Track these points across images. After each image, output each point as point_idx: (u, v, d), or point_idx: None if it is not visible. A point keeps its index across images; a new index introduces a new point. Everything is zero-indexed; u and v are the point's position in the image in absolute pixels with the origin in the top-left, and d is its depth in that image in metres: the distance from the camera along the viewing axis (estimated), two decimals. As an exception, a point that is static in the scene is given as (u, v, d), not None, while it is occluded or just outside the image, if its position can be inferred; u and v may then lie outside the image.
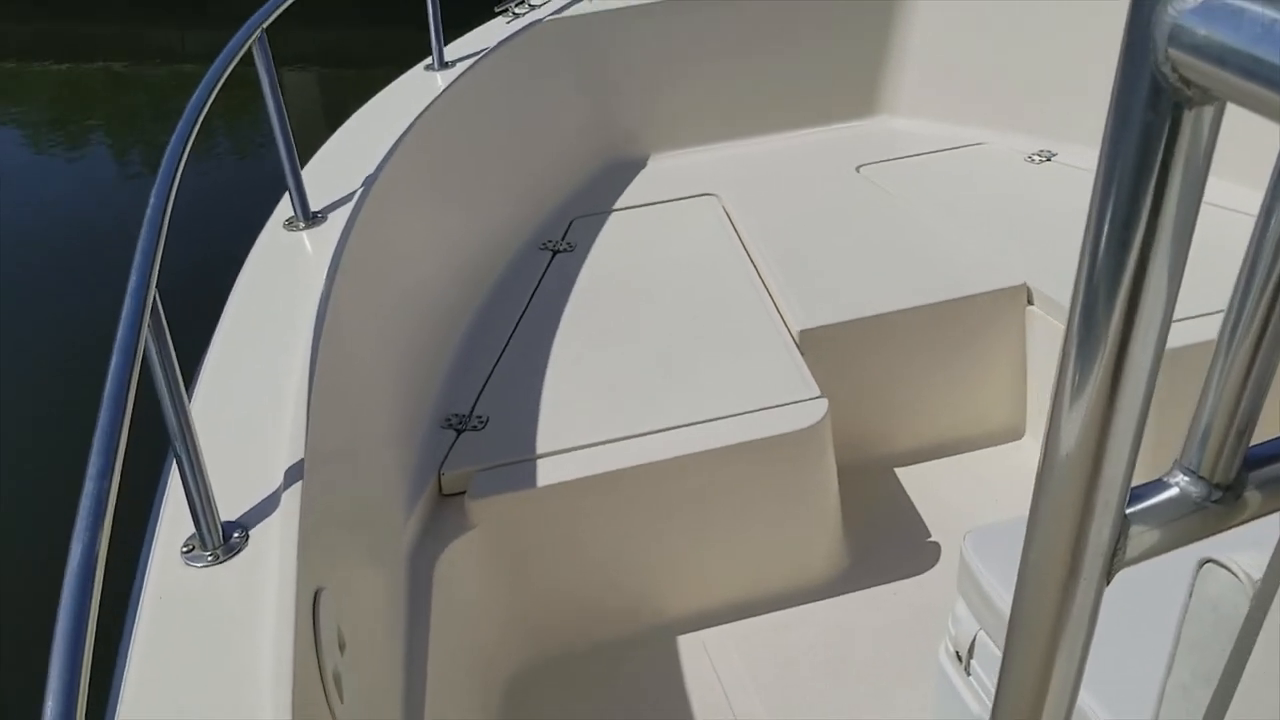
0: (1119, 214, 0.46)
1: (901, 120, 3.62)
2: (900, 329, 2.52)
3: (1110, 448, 0.52)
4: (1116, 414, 0.51)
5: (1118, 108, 0.45)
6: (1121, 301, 0.48)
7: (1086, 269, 0.49)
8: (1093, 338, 0.49)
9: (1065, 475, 0.53)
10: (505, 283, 2.82)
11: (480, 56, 3.11)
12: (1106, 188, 0.46)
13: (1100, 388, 0.50)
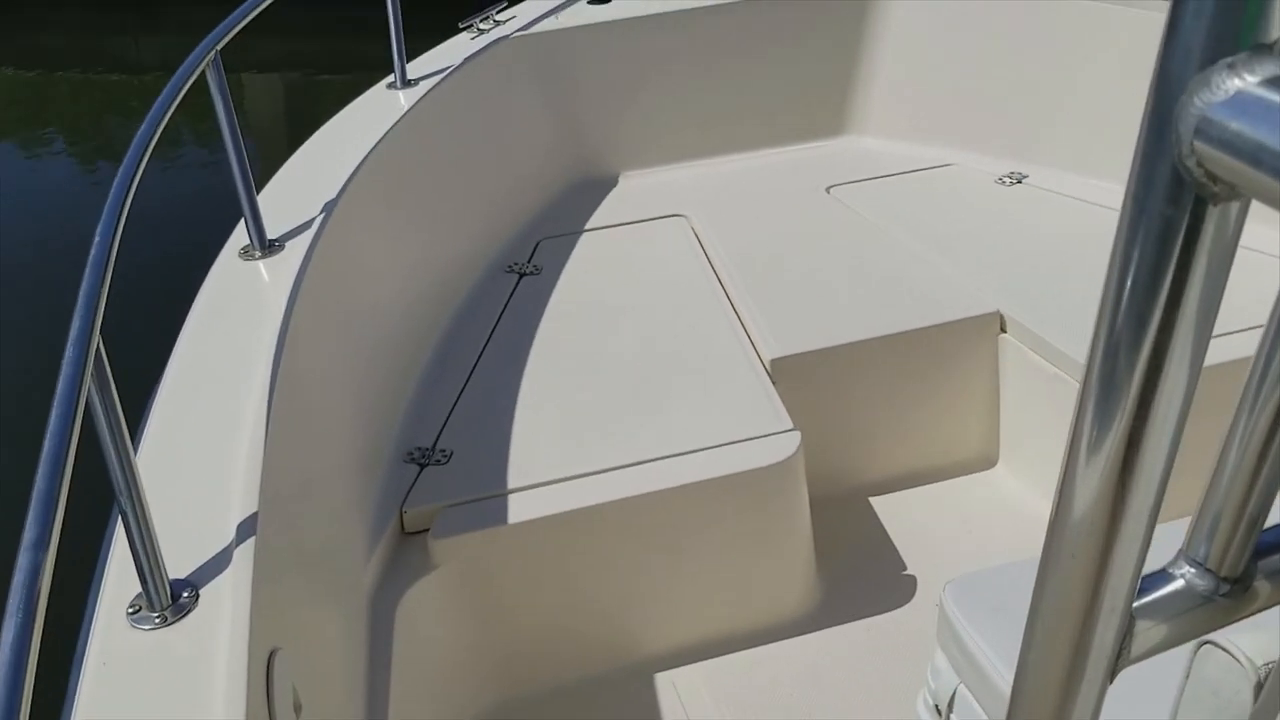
0: (1134, 308, 0.43)
1: (870, 140, 3.59)
2: (872, 357, 2.48)
3: (1120, 544, 0.49)
4: (1128, 510, 0.48)
5: (1134, 198, 0.42)
6: (1135, 396, 0.45)
7: (1100, 361, 0.45)
8: (1104, 432, 0.46)
9: (1071, 570, 0.51)
10: (470, 307, 2.75)
11: (445, 74, 3.05)
12: (1121, 280, 0.43)
13: (1112, 483, 0.47)
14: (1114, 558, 0.49)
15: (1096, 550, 0.49)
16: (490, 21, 3.44)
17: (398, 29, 2.94)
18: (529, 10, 3.59)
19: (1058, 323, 2.45)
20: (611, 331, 2.58)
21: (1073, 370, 2.35)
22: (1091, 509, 0.48)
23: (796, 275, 2.74)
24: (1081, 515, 0.49)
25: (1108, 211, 2.94)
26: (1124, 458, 0.46)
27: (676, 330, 2.56)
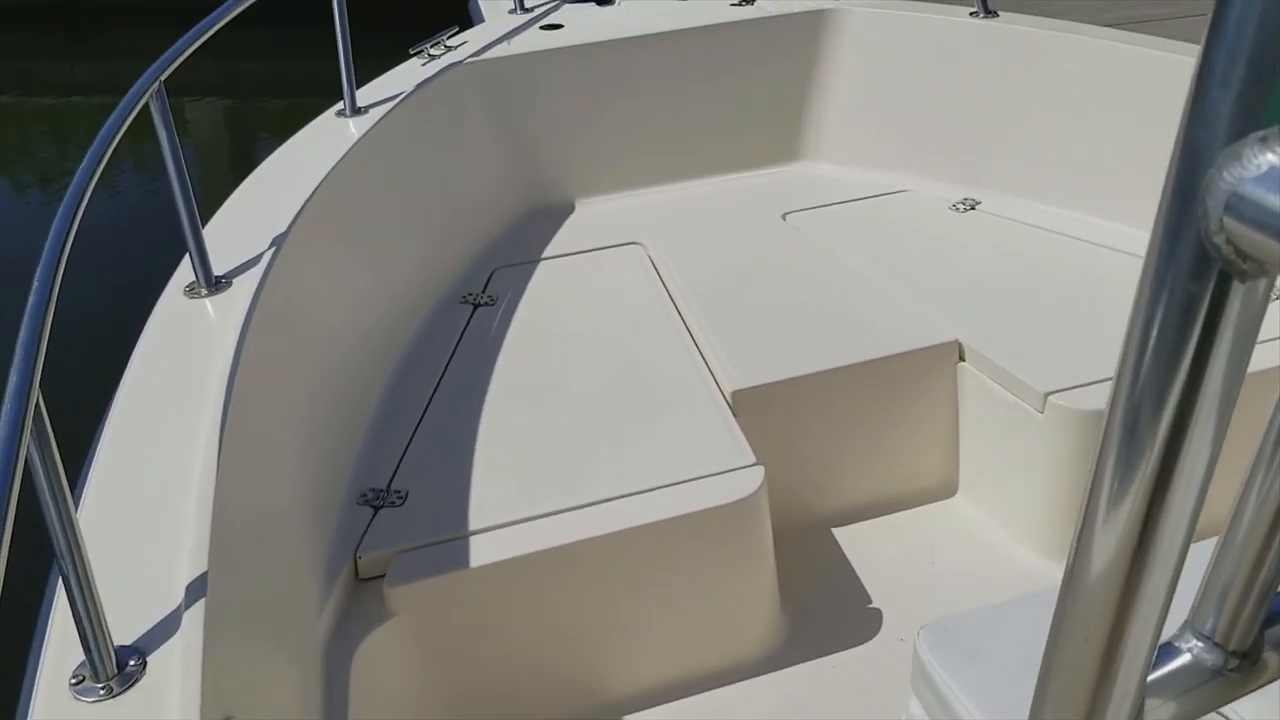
0: (1153, 384, 0.41)
1: (825, 166, 3.58)
2: (832, 388, 2.46)
3: (1134, 624, 0.47)
4: (1144, 591, 0.46)
5: (1155, 272, 0.41)
6: (1153, 471, 0.43)
7: (1118, 435, 0.43)
8: (1120, 509, 0.44)
9: (1081, 647, 0.48)
10: (424, 340, 2.69)
11: (395, 101, 2.99)
12: (1140, 355, 0.41)
13: (1126, 562, 0.45)
14: (1127, 640, 0.47)
15: (1108, 631, 0.47)
16: (441, 47, 3.40)
17: (346, 56, 2.88)
18: (481, 36, 3.55)
19: (1016, 351, 2.45)
20: (569, 364, 2.54)
21: (1031, 399, 2.34)
22: (1105, 589, 0.46)
23: (755, 304, 2.71)
24: (1094, 595, 0.47)
25: (1059, 237, 2.96)
26: (1140, 536, 0.44)
27: (635, 362, 2.52)
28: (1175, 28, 5.97)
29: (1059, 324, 2.56)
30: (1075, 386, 2.32)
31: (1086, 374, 2.36)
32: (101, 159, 1.62)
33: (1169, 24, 6.08)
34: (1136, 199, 2.97)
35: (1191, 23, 6.19)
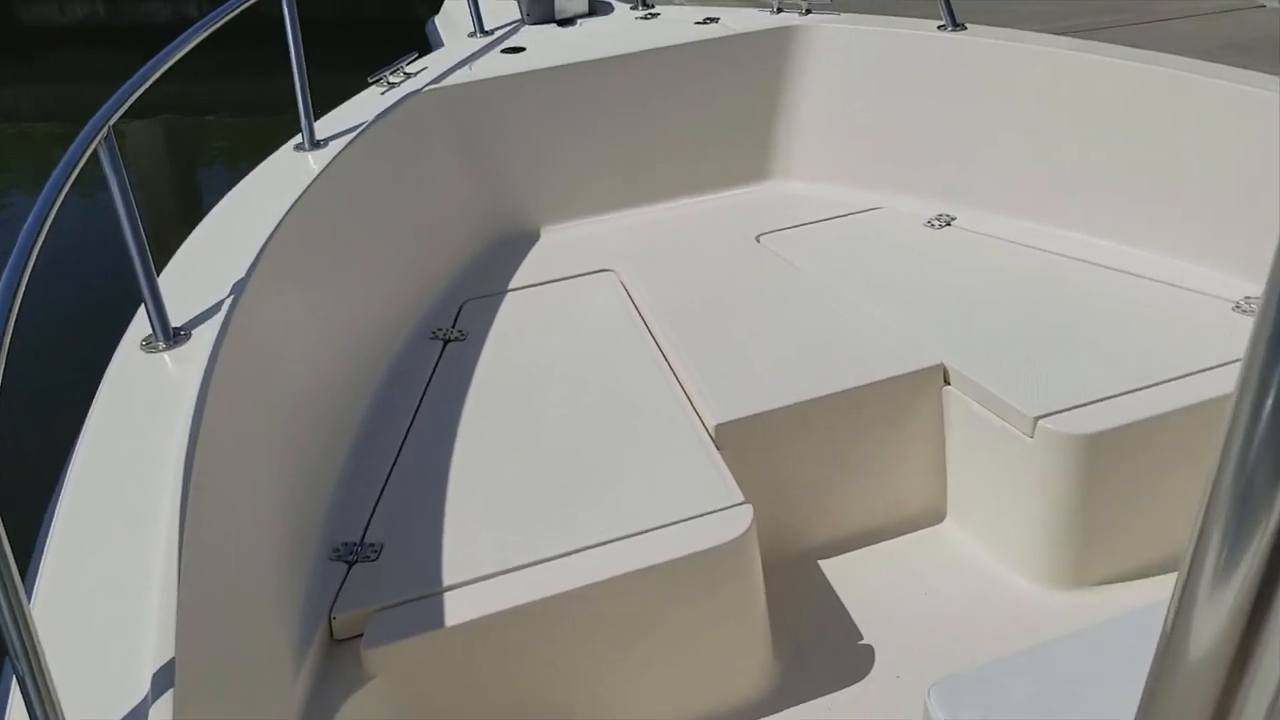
0: (1272, 446, 0.37)
1: (797, 184, 3.52)
2: (818, 417, 2.40)
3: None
4: (1255, 675, 0.41)
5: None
6: (1268, 543, 0.38)
7: (1228, 500, 0.39)
8: (1228, 583, 0.40)
9: None
10: (394, 380, 2.59)
11: (356, 133, 2.89)
12: (1257, 405, 0.38)
13: (1234, 643, 0.41)
14: None
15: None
16: (401, 74, 3.30)
17: (303, 88, 2.79)
18: (441, 61, 3.46)
19: (1000, 373, 2.40)
20: (545, 400, 2.46)
21: (1021, 423, 2.29)
22: (1204, 677, 0.42)
23: (734, 331, 2.65)
24: (1192, 683, 0.42)
25: (1036, 252, 2.92)
26: (1250, 618, 0.39)
27: (614, 396, 2.45)
28: (1124, 34, 6.01)
29: (1043, 343, 2.51)
30: (1065, 409, 2.27)
31: (1076, 396, 2.32)
32: (48, 214, 1.52)
33: (1116, 30, 6.11)
34: (1110, 211, 2.95)
35: (1138, 29, 6.23)
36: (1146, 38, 5.90)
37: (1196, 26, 6.28)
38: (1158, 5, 6.74)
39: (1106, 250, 2.90)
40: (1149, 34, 6.07)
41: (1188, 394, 2.29)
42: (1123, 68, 2.97)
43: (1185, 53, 3.49)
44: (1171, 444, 2.29)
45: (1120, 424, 2.23)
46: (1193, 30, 6.18)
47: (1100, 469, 2.24)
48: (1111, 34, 5.82)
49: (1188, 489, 2.35)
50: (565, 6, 3.85)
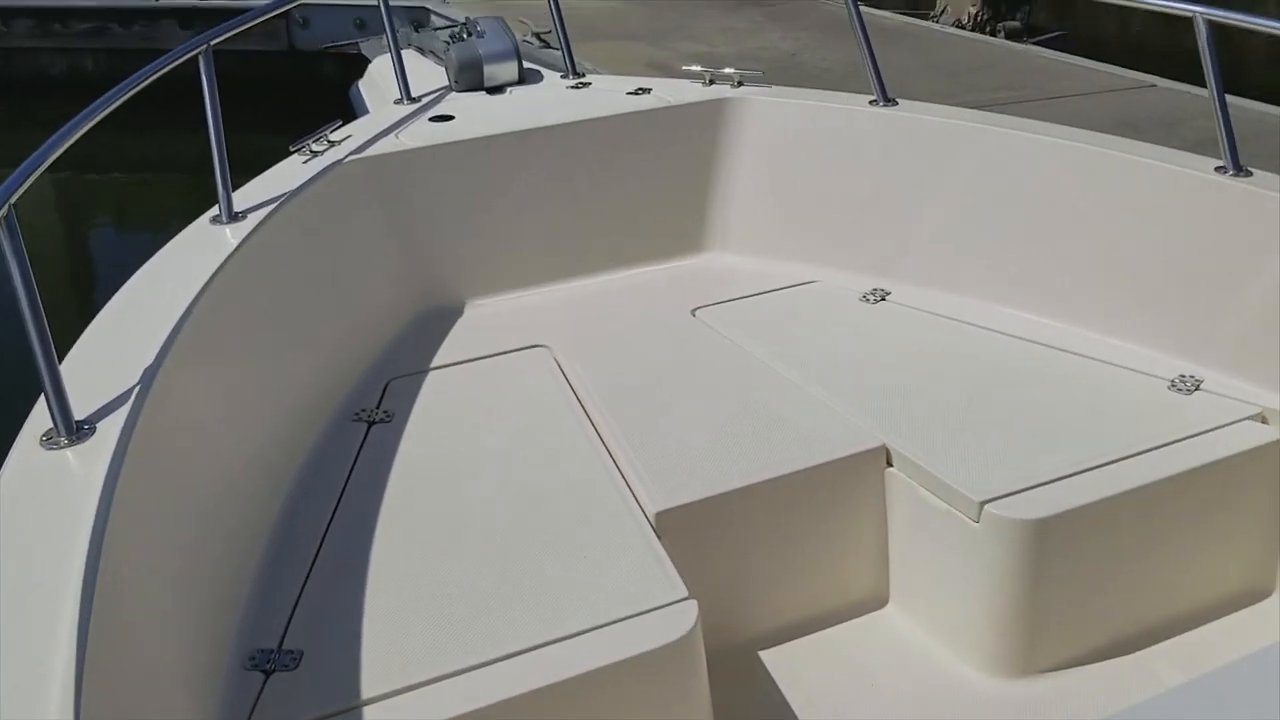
0: None
1: (732, 257, 3.47)
2: (759, 501, 2.33)
3: None
4: None
5: None
6: None
7: None
8: None
9: None
10: (315, 467, 2.44)
11: (276, 204, 2.75)
12: None
13: None
14: None
15: None
16: (324, 142, 3.16)
17: (221, 158, 2.65)
18: (366, 129, 3.33)
19: (943, 455, 2.37)
20: (476, 488, 2.34)
21: (966, 507, 2.26)
22: None
23: (671, 411, 2.58)
24: None
25: (972, 328, 2.92)
26: None
27: (548, 483, 2.34)
28: (1022, 110, 6.18)
29: (984, 423, 2.50)
30: (1010, 493, 2.25)
31: (1020, 479, 2.29)
32: None
33: (1015, 107, 6.30)
34: (1045, 287, 2.97)
35: (1036, 106, 6.44)
36: (1044, 114, 6.07)
37: (1090, 104, 6.51)
38: (1054, 84, 6.98)
39: (1042, 327, 2.92)
40: (1046, 111, 6.26)
41: (1132, 476, 2.29)
42: (1054, 145, 3.01)
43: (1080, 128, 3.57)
44: (1117, 528, 2.29)
45: (1066, 508, 2.21)
46: (1087, 108, 6.40)
47: (1047, 554, 2.22)
48: (1011, 110, 5.98)
49: (1134, 573, 2.34)
50: (495, 74, 3.75)
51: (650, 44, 7.84)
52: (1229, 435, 2.42)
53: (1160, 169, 2.80)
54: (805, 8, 9.25)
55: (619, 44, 7.51)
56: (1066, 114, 6.12)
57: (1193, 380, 2.61)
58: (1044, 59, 7.81)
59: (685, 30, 8.36)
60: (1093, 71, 7.32)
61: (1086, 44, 9.05)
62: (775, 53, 7.66)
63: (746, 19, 8.81)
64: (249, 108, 4.39)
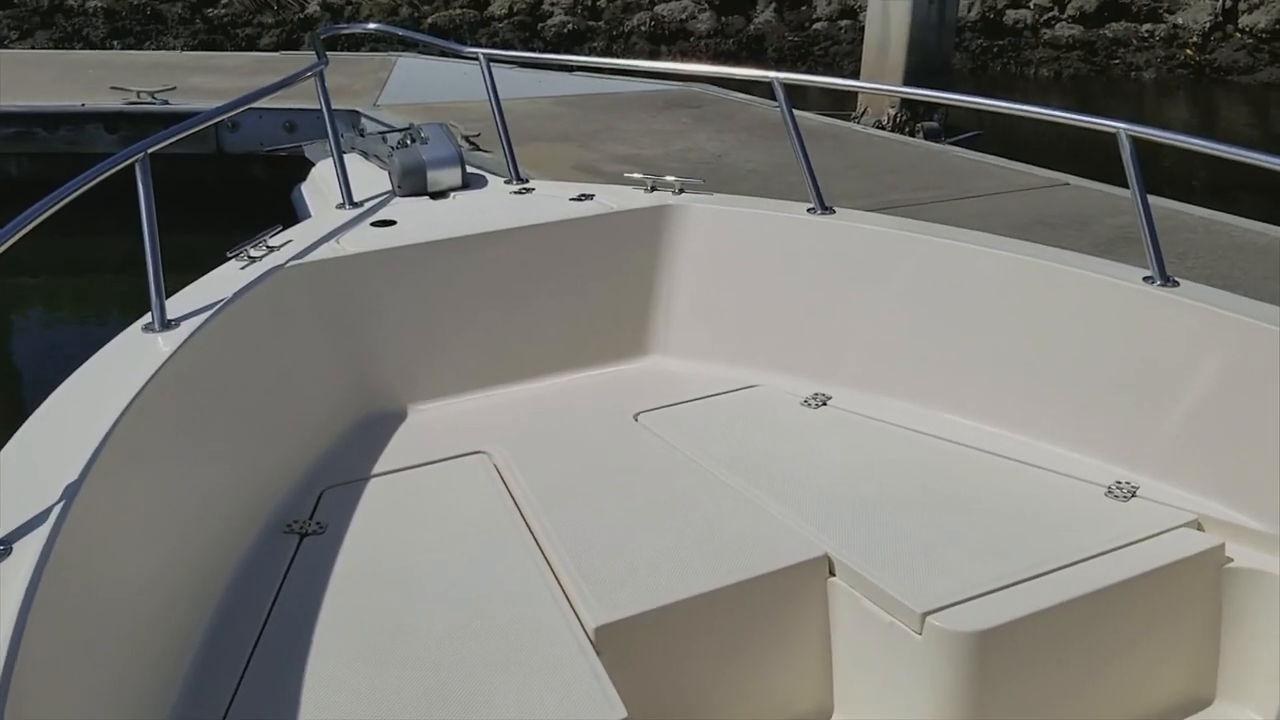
0: None
1: (674, 361, 3.49)
2: (701, 614, 2.31)
3: None
4: None
5: None
6: None
7: None
8: None
9: None
10: (244, 582, 2.38)
11: (211, 312, 2.71)
12: None
13: None
14: None
15: None
16: (263, 247, 3.13)
17: (156, 265, 2.60)
18: (306, 234, 3.30)
19: (885, 565, 2.37)
20: (411, 603, 2.29)
21: (908, 619, 2.25)
22: None
23: (613, 521, 2.56)
24: None
25: (913, 434, 2.95)
26: None
27: (485, 597, 2.30)
28: (942, 210, 6.37)
29: (926, 531, 2.51)
30: (953, 604, 2.25)
31: (962, 589, 2.29)
32: None
33: (935, 206, 6.48)
34: (982, 393, 3.00)
35: (955, 205, 6.62)
36: (962, 213, 6.27)
37: (1007, 203, 6.72)
38: (971, 183, 7.20)
39: (980, 432, 2.95)
40: (965, 209, 6.45)
41: (1072, 586, 2.31)
42: (987, 254, 3.07)
43: (998, 228, 3.68)
44: (1059, 638, 2.29)
45: (1008, 620, 2.22)
46: (1003, 206, 6.61)
47: (990, 666, 2.21)
48: (931, 210, 6.17)
49: (1076, 683, 2.34)
50: (438, 179, 3.76)
51: (578, 145, 7.97)
52: (1166, 543, 2.44)
53: (1090, 278, 2.87)
54: (731, 110, 9.48)
55: (546, 145, 7.62)
56: (983, 212, 6.32)
57: (1129, 487, 2.65)
58: (961, 159, 8.07)
59: (613, 132, 8.51)
60: (1008, 171, 7.57)
61: (1002, 143, 9.38)
62: (702, 154, 7.82)
63: (673, 121, 9.00)
64: (177, 211, 4.37)
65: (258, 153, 8.48)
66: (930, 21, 10.30)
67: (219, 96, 9.05)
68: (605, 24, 17.75)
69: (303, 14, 17.31)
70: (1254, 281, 5.05)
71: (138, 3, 17.04)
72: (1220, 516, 2.51)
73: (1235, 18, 17.02)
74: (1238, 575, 2.43)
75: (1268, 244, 5.81)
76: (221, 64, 11.04)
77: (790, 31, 17.58)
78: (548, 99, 9.41)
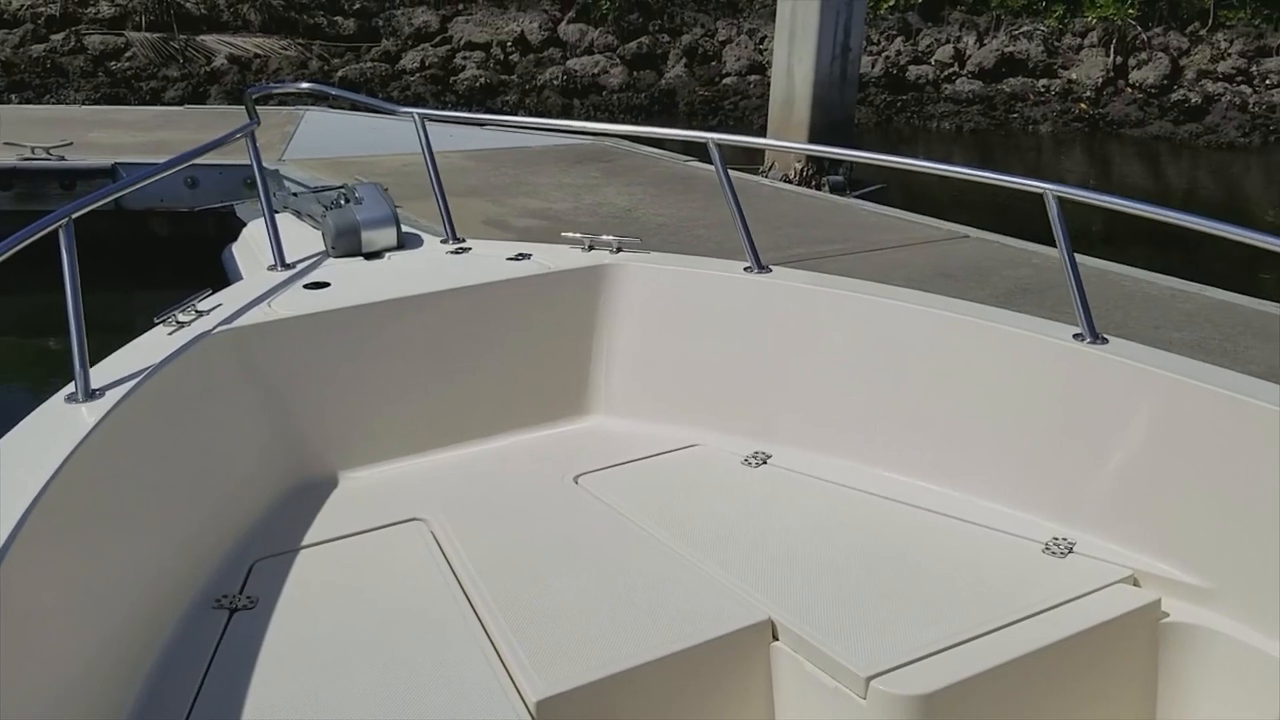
0: None
1: (614, 421, 3.46)
2: (643, 684, 2.28)
3: None
4: None
5: None
6: None
7: None
8: None
9: None
10: (170, 661, 2.30)
11: (137, 380, 2.63)
12: None
13: None
14: None
15: None
16: (191, 312, 3.04)
17: (79, 333, 2.51)
18: (237, 297, 3.23)
19: (828, 628, 2.36)
20: (345, 678, 2.23)
21: (852, 683, 2.23)
22: None
23: (553, 589, 2.52)
24: None
25: (852, 493, 2.95)
26: None
27: (423, 672, 2.25)
28: (846, 262, 6.48)
29: (868, 592, 2.50)
30: (898, 667, 2.24)
31: (905, 651, 2.29)
32: None
33: (839, 259, 6.57)
34: (921, 451, 3.01)
35: (859, 258, 6.73)
36: (866, 265, 6.38)
37: (909, 255, 6.85)
38: (875, 236, 7.33)
39: (918, 489, 2.96)
40: (868, 262, 6.57)
41: (1013, 645, 2.32)
42: (920, 312, 3.10)
43: (899, 280, 3.74)
44: (1003, 697, 2.30)
45: (951, 682, 2.22)
46: (905, 259, 6.74)
47: None
48: (835, 262, 6.26)
49: None
50: (373, 240, 3.70)
51: (489, 200, 7.95)
52: (1104, 599, 2.47)
53: (1021, 336, 2.91)
54: (640, 163, 9.56)
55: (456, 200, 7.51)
56: (886, 265, 6.44)
57: (1066, 543, 2.67)
58: (865, 212, 8.23)
59: (524, 186, 8.52)
60: (911, 224, 7.73)
61: (906, 196, 9.60)
62: (612, 208, 7.86)
63: (584, 175, 9.04)
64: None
65: (156, 209, 8.31)
66: (833, 79, 10.53)
67: (118, 152, 8.88)
68: (518, 78, 17.85)
69: (209, 67, 17.12)
70: (1145, 330, 5.20)
71: (37, 55, 16.70)
72: (1155, 571, 2.54)
73: (1126, 73, 17.73)
74: (1173, 630, 2.47)
75: (1158, 294, 6.00)
76: (121, 118, 10.84)
77: (701, 86, 17.87)
78: (458, 153, 9.40)
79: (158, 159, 8.58)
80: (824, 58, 10.40)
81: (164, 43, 17.36)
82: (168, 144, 8.92)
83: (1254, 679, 2.29)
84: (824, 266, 4.23)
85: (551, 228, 6.97)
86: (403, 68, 17.80)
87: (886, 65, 18.10)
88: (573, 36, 18.93)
